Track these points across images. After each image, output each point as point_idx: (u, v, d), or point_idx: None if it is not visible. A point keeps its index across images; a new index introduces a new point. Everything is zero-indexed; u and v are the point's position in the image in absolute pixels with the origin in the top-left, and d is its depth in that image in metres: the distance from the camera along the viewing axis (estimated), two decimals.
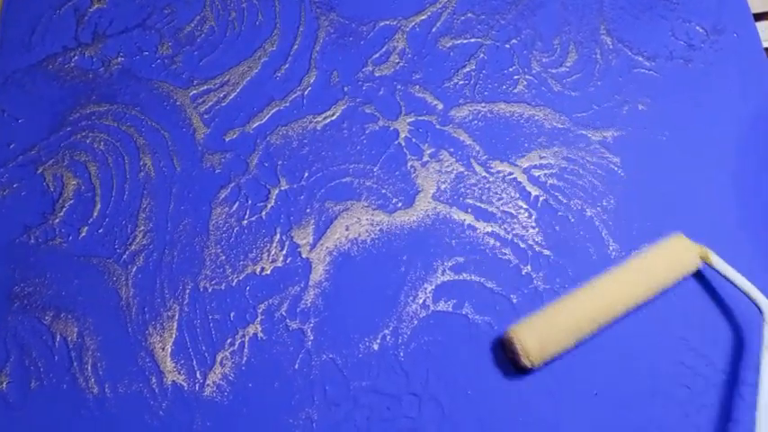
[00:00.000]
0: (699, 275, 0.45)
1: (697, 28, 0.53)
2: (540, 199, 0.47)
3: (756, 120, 0.50)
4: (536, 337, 0.41)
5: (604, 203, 0.47)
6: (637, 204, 0.47)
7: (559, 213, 0.47)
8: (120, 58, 0.50)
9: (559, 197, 0.47)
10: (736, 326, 0.44)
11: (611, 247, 0.46)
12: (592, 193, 0.47)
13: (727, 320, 0.44)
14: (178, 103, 0.49)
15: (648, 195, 0.47)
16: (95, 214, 0.46)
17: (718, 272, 0.43)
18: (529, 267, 0.45)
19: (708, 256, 0.43)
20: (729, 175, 0.48)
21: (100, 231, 0.45)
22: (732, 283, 0.42)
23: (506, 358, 0.42)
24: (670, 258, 0.43)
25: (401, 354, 0.43)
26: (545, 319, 0.41)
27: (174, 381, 0.42)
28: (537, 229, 0.46)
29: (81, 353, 0.42)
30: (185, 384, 0.41)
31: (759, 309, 0.41)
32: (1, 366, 0.42)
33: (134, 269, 0.44)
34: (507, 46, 0.52)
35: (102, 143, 0.48)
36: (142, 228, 0.45)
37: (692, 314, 0.44)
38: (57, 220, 0.45)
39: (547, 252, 0.45)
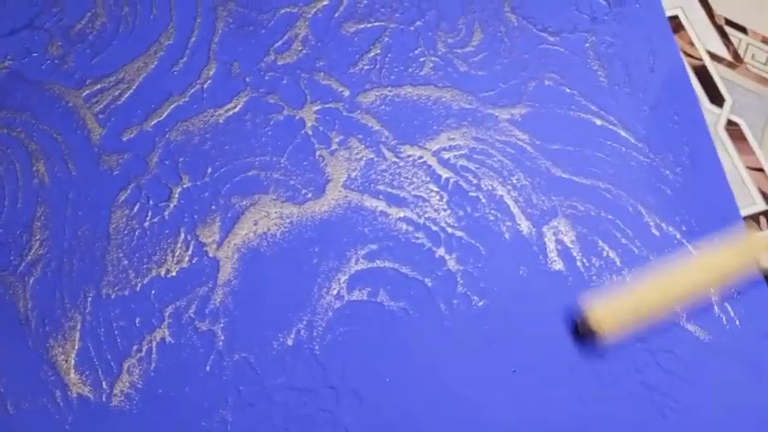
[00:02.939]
0: None
1: (600, 0, 0.53)
2: (451, 181, 0.47)
3: (663, 90, 0.50)
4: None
5: (514, 181, 0.47)
6: (546, 180, 0.47)
7: (470, 194, 0.46)
8: (8, 62, 0.48)
9: (470, 178, 0.47)
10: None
11: (522, 225, 0.46)
12: (501, 172, 0.47)
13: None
14: (71, 105, 0.47)
15: (558, 170, 0.47)
16: None
17: None
18: (442, 250, 0.45)
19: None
20: (639, 143, 0.48)
21: None
22: None
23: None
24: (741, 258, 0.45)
25: (316, 347, 0.42)
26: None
27: (79, 393, 0.40)
28: (449, 212, 0.46)
29: None
30: (91, 396, 0.40)
31: None
32: None
33: (32, 280, 0.42)
34: (412, 28, 0.51)
35: None
36: (38, 237, 0.43)
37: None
38: None
39: (459, 233, 0.45)
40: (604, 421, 0.41)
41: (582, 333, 0.43)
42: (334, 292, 0.43)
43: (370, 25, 0.51)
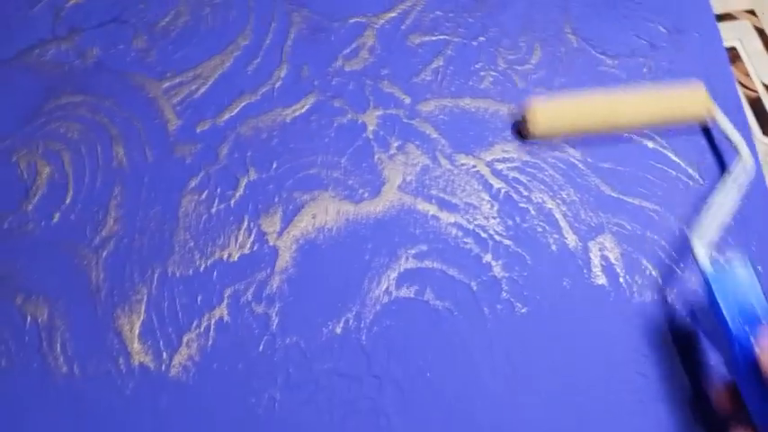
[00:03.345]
0: None
1: (659, 27, 0.54)
2: (503, 191, 0.48)
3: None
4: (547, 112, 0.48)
5: (564, 196, 0.48)
6: (595, 197, 0.48)
7: (521, 205, 0.48)
8: (95, 51, 0.51)
9: (521, 189, 0.48)
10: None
11: (568, 238, 0.47)
12: (552, 186, 0.49)
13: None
14: (151, 95, 0.50)
15: (607, 188, 0.49)
16: (68, 201, 0.47)
17: (717, 124, 0.49)
18: (489, 256, 0.46)
19: (713, 111, 0.49)
20: (690, 168, 0.49)
21: (72, 218, 0.46)
22: (727, 135, 0.49)
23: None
24: (682, 97, 0.50)
25: (363, 337, 0.44)
26: (562, 103, 0.49)
27: (141, 362, 0.43)
28: (498, 220, 0.47)
29: (51, 333, 0.43)
30: (152, 365, 0.43)
31: (739, 152, 0.48)
32: None
33: (104, 254, 0.45)
34: (474, 43, 0.53)
35: (75, 133, 0.49)
36: (113, 214, 0.46)
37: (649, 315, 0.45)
38: (30, 207, 0.46)
39: (507, 242, 0.47)
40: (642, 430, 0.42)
41: (521, 132, 0.50)
42: (383, 288, 0.45)
43: (434, 38, 0.53)
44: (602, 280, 0.46)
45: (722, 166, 0.50)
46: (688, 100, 0.49)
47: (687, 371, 0.44)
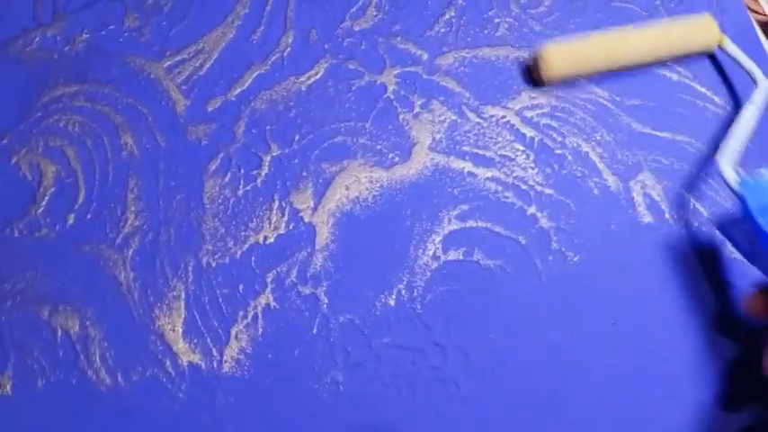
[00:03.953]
0: None
1: None
2: (536, 139, 0.47)
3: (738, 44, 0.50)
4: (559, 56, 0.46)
5: (598, 137, 0.47)
6: (628, 135, 0.47)
7: (557, 151, 0.46)
8: (84, 35, 0.47)
9: (554, 136, 0.47)
10: None
11: (609, 180, 0.46)
12: (585, 129, 0.47)
13: None
14: (153, 77, 0.46)
15: (639, 125, 0.47)
16: (81, 200, 0.43)
17: (728, 53, 0.48)
18: (533, 208, 0.45)
19: (723, 41, 0.48)
20: (716, 97, 0.49)
21: (88, 217, 0.43)
22: (739, 62, 0.48)
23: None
24: (692, 29, 0.48)
25: (418, 306, 0.42)
26: (572, 45, 0.47)
27: (189, 361, 0.40)
28: (536, 170, 0.46)
29: (86, 344, 0.40)
30: (202, 363, 0.40)
31: (755, 82, 0.47)
32: (2, 369, 0.39)
33: (131, 252, 0.42)
34: None
35: (77, 125, 0.45)
36: (133, 208, 0.43)
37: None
38: (40, 210, 0.43)
39: (549, 191, 0.45)
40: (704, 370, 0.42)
41: (533, 77, 0.48)
42: (431, 253, 0.43)
43: None
44: (648, 218, 0.45)
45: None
46: (698, 30, 0.48)
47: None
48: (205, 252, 0.42)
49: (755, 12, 0.53)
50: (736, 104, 0.49)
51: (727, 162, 0.42)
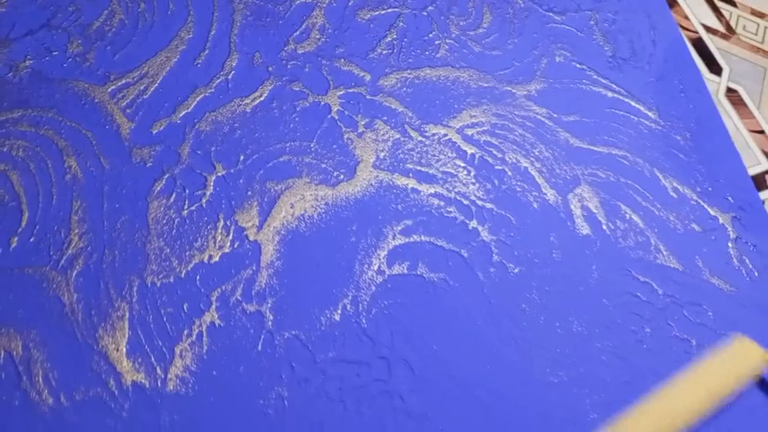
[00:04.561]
0: None
1: None
2: (477, 156, 0.48)
3: (666, 62, 0.53)
4: None
5: (537, 153, 0.48)
6: (566, 150, 0.49)
7: (496, 167, 0.48)
8: (28, 61, 0.48)
9: (494, 152, 0.48)
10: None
11: (548, 194, 0.47)
12: (524, 145, 0.49)
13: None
14: (97, 101, 0.47)
15: (576, 140, 0.49)
16: (24, 223, 0.43)
17: None
18: (474, 222, 0.46)
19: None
20: (650, 112, 0.51)
21: (32, 240, 0.43)
22: None
23: None
24: (737, 368, 0.43)
25: (363, 321, 0.42)
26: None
27: (133, 380, 0.40)
28: (477, 185, 0.47)
29: (29, 366, 0.40)
30: (146, 382, 0.40)
31: None
32: None
33: (74, 273, 0.42)
34: (424, 13, 0.52)
35: (20, 150, 0.45)
36: (77, 230, 0.43)
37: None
38: None
39: (489, 205, 0.46)
40: (645, 373, 0.43)
41: None
42: (376, 268, 0.44)
43: (384, 12, 0.52)
44: (586, 230, 0.47)
45: (679, 109, 0.51)
46: (746, 363, 0.44)
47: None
48: (150, 272, 0.42)
49: (686, 29, 0.55)
50: (672, 120, 0.51)
51: None
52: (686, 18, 0.56)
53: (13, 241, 0.42)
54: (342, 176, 0.46)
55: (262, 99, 0.48)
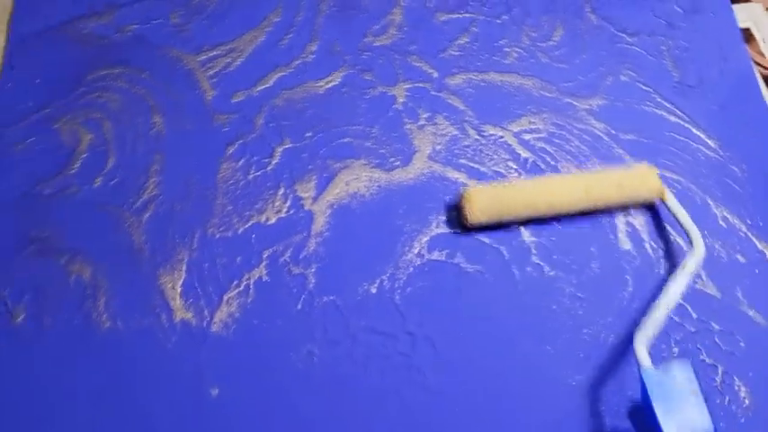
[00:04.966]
0: None
1: (676, 8, 0.56)
2: (530, 161, 0.50)
3: (732, 93, 0.53)
4: (484, 200, 0.46)
5: (589, 165, 0.50)
6: (619, 167, 0.50)
7: (548, 174, 0.49)
8: (133, 26, 0.53)
9: (548, 159, 0.50)
10: None
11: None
12: (578, 156, 0.50)
13: None
14: (188, 68, 0.52)
15: (630, 159, 0.50)
16: (109, 166, 0.48)
17: (669, 209, 0.47)
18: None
19: (664, 194, 0.47)
20: (710, 140, 0.51)
21: (113, 182, 0.48)
22: (679, 220, 0.46)
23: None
24: (634, 181, 0.47)
25: (397, 297, 0.45)
26: (497, 190, 0.46)
27: (182, 318, 0.44)
28: None
29: (95, 291, 0.44)
30: (193, 321, 0.44)
31: (692, 244, 0.45)
32: (16, 303, 0.44)
33: (146, 216, 0.47)
34: (498, 21, 0.55)
35: (115, 103, 0.50)
36: (154, 179, 0.48)
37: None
38: (72, 171, 0.48)
39: None
40: None
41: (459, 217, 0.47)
42: (416, 251, 0.47)
43: (459, 16, 0.55)
44: (627, 245, 0.48)
45: (741, 141, 0.51)
46: (640, 183, 0.48)
47: None
48: (211, 225, 0.47)
49: (760, 65, 0.55)
50: (732, 151, 0.51)
51: (643, 344, 0.41)
52: (760, 54, 0.56)
53: (96, 181, 0.48)
54: (397, 163, 0.49)
55: (335, 83, 0.52)
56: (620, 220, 0.48)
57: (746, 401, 0.43)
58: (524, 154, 0.50)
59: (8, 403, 0.41)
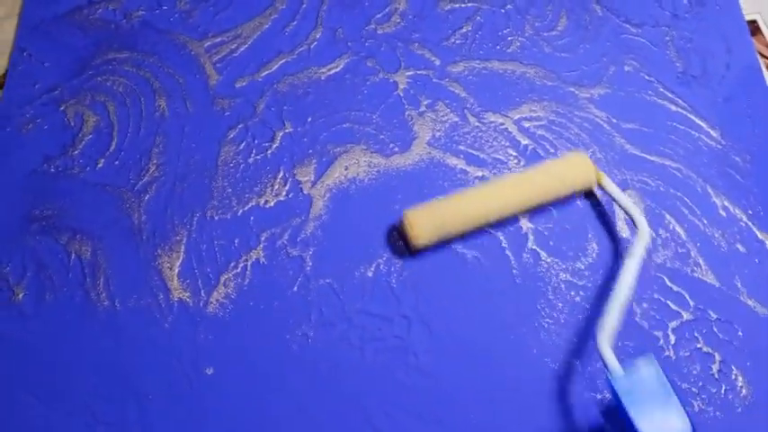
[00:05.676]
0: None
1: None
2: (530, 148, 0.50)
3: (737, 85, 0.53)
4: (425, 221, 0.45)
5: (589, 153, 0.50)
6: (619, 155, 0.50)
7: (547, 161, 0.49)
8: (140, 12, 0.54)
9: (547, 146, 0.50)
10: None
11: (597, 193, 0.48)
12: (578, 144, 0.50)
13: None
14: (193, 53, 0.52)
15: (631, 147, 0.50)
16: (112, 148, 0.49)
17: (607, 193, 0.47)
18: None
19: (601, 179, 0.47)
20: (712, 130, 0.51)
21: (116, 163, 0.48)
22: (618, 203, 0.46)
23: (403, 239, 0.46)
24: (568, 172, 0.47)
25: (393, 281, 0.45)
26: (437, 207, 0.45)
27: (179, 298, 0.44)
28: None
29: (94, 270, 0.45)
30: (190, 301, 0.44)
31: (636, 225, 0.45)
32: (18, 280, 0.45)
33: (146, 198, 0.47)
34: (502, 11, 0.55)
35: (121, 86, 0.51)
36: (155, 161, 0.48)
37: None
38: (76, 152, 0.49)
39: None
40: None
41: (402, 239, 0.46)
42: None
43: (464, 5, 0.55)
44: (626, 233, 0.47)
45: (743, 131, 0.51)
46: (575, 173, 0.47)
47: None
48: (210, 207, 0.47)
49: (765, 57, 0.55)
50: (733, 140, 0.51)
51: (605, 337, 0.40)
52: (767, 47, 0.56)
53: (99, 162, 0.48)
54: (396, 149, 0.49)
55: (337, 70, 0.52)
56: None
57: (744, 391, 0.43)
58: (524, 141, 0.50)
59: (8, 378, 0.42)
